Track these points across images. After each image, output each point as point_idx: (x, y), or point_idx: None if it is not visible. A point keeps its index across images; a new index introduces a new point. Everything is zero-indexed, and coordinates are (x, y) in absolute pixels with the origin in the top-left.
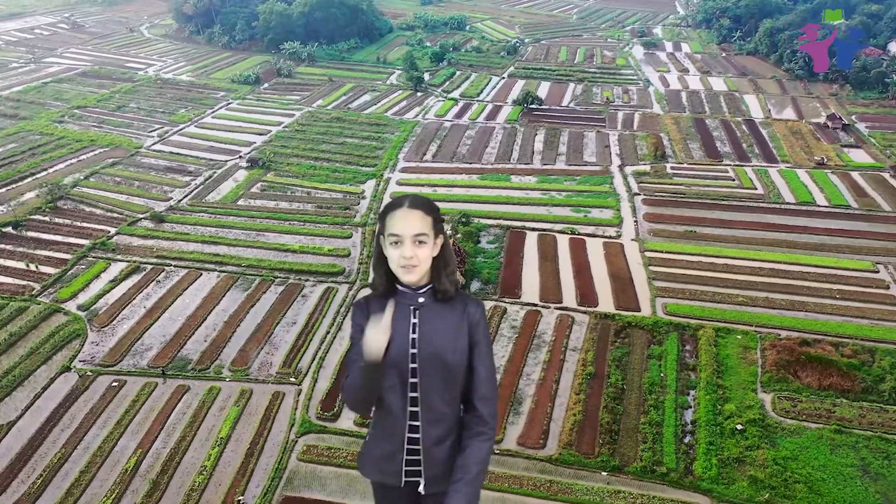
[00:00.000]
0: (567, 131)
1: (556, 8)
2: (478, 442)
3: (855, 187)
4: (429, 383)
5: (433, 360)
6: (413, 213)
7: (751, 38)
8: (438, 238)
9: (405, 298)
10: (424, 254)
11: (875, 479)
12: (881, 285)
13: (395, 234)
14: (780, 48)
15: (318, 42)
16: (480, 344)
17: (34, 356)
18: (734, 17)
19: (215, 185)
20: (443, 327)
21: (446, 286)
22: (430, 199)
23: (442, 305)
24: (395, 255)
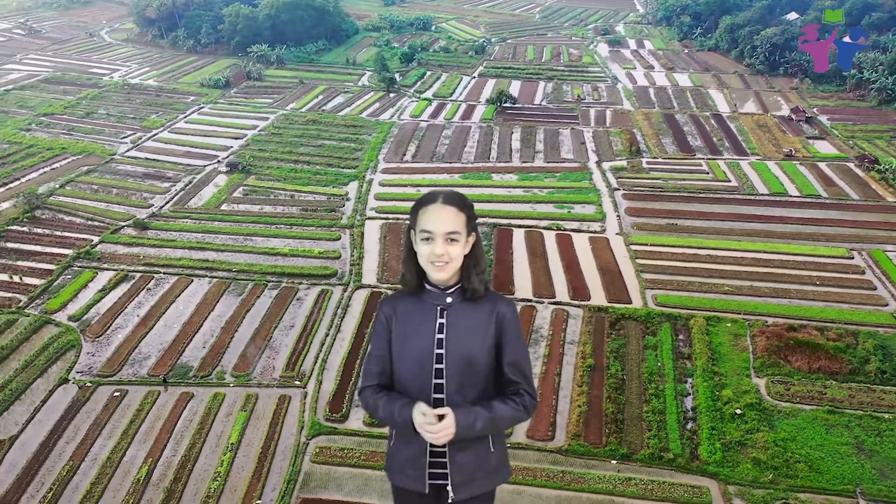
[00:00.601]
0: (542, 129)
1: (519, 7)
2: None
3: (823, 177)
4: (455, 384)
5: (461, 361)
6: (447, 209)
7: (711, 35)
8: (471, 236)
9: (432, 298)
10: (456, 252)
11: (869, 455)
12: (857, 271)
13: (427, 230)
14: (740, 44)
15: (286, 44)
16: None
17: (29, 369)
18: (694, 14)
19: (196, 191)
20: (471, 328)
21: (476, 285)
22: (464, 195)
23: (470, 305)
24: (426, 252)
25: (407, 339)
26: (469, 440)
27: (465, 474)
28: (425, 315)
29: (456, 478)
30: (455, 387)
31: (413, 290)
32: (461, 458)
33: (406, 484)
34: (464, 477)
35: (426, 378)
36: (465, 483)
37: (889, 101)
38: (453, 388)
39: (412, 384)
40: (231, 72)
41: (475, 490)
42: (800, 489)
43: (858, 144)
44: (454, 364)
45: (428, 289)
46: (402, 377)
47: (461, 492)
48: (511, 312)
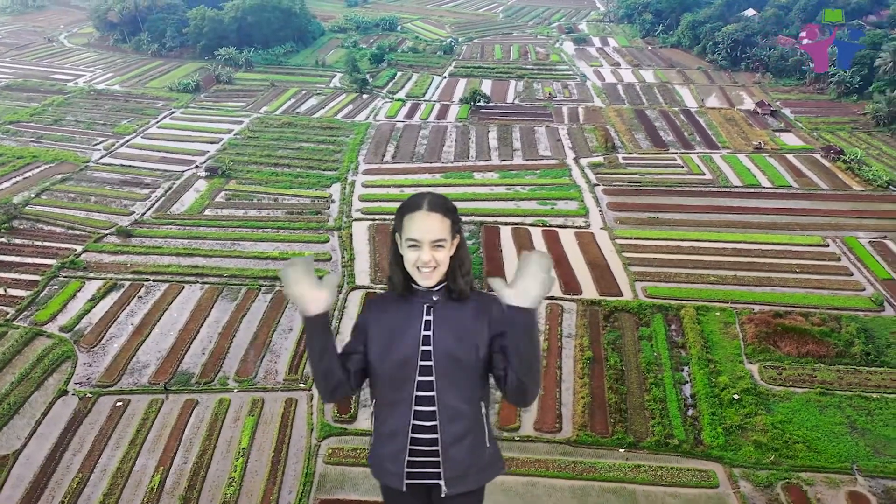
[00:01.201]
0: (518, 127)
1: (482, 7)
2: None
3: (792, 169)
4: (446, 381)
5: (448, 358)
6: (432, 216)
7: (673, 32)
8: (455, 238)
9: (418, 296)
10: (442, 257)
11: (862, 434)
12: (833, 258)
13: (412, 238)
14: (702, 40)
15: (253, 47)
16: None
17: (26, 382)
18: (656, 11)
19: (177, 197)
20: (457, 325)
21: (462, 286)
22: (448, 197)
23: (456, 305)
24: (413, 258)
25: (393, 337)
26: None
27: (459, 468)
28: (412, 314)
29: (449, 472)
30: (446, 382)
31: (400, 292)
32: (456, 453)
33: (385, 480)
34: (458, 471)
35: (410, 375)
36: (459, 477)
37: (847, 94)
38: (444, 382)
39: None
40: (200, 75)
41: (468, 485)
42: (800, 469)
43: (823, 136)
44: (442, 360)
45: (415, 288)
46: (385, 376)
47: (455, 486)
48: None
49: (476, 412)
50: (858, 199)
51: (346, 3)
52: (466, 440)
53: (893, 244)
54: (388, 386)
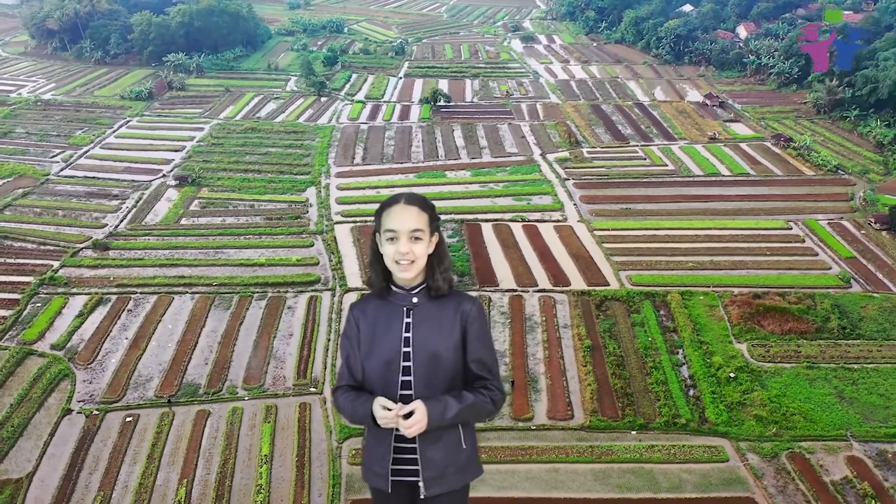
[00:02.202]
0: (481, 125)
1: (425, 7)
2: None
3: (747, 157)
4: (424, 382)
5: (427, 358)
6: (409, 209)
7: (616, 28)
8: (434, 236)
9: (398, 299)
10: (420, 250)
11: (850, 402)
12: (798, 240)
13: (391, 229)
14: (645, 36)
15: (202, 52)
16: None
17: (26, 403)
18: (598, 8)
19: (149, 207)
20: (437, 326)
21: (440, 283)
22: (426, 196)
23: (436, 304)
24: (391, 251)
25: (375, 339)
26: (440, 435)
27: (436, 470)
28: (392, 315)
29: (427, 473)
30: (423, 383)
31: (380, 291)
32: (432, 454)
33: (372, 482)
34: (435, 472)
35: (394, 376)
36: (437, 479)
37: (787, 84)
38: (421, 384)
39: (380, 383)
40: (151, 83)
41: (447, 486)
42: (800, 438)
43: (770, 125)
44: (421, 361)
45: (394, 290)
46: (371, 376)
47: (433, 487)
48: (476, 310)
49: None
50: (812, 183)
51: (287, 6)
52: (441, 441)
53: (850, 224)
54: (375, 386)
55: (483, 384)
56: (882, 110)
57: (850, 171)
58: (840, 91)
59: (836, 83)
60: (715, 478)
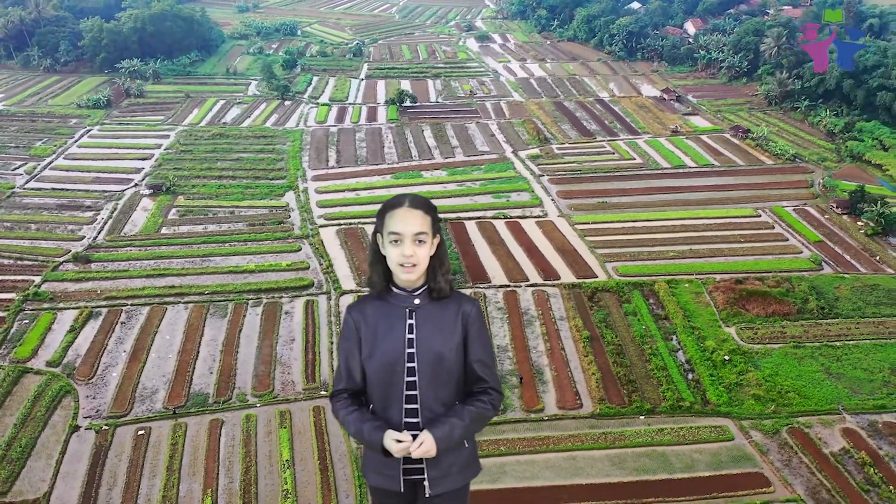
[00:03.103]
0: (450, 125)
1: (376, 7)
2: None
3: (710, 149)
4: (426, 383)
5: (432, 359)
6: (414, 212)
7: (568, 26)
8: (436, 238)
9: (399, 300)
10: (423, 253)
11: (838, 378)
12: (767, 227)
13: (395, 232)
14: (598, 33)
15: (157, 58)
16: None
17: (30, 422)
18: (549, 7)
19: (125, 217)
20: (439, 327)
21: (442, 285)
22: (428, 198)
23: (437, 305)
24: (395, 254)
25: (377, 341)
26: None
27: (441, 469)
28: (394, 317)
29: (433, 472)
30: (427, 384)
31: (380, 292)
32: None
33: (381, 483)
34: (440, 472)
35: (398, 378)
36: (442, 477)
37: (737, 77)
38: (426, 385)
39: (384, 385)
40: (107, 90)
41: (451, 484)
42: (798, 414)
43: (727, 117)
44: (426, 363)
45: (395, 291)
46: (373, 378)
47: (438, 486)
48: (475, 311)
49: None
50: (773, 172)
51: (236, 9)
52: None
53: (814, 210)
54: (379, 388)
55: (482, 387)
56: (830, 100)
57: (807, 160)
58: (790, 83)
59: (785, 75)
60: (724, 456)
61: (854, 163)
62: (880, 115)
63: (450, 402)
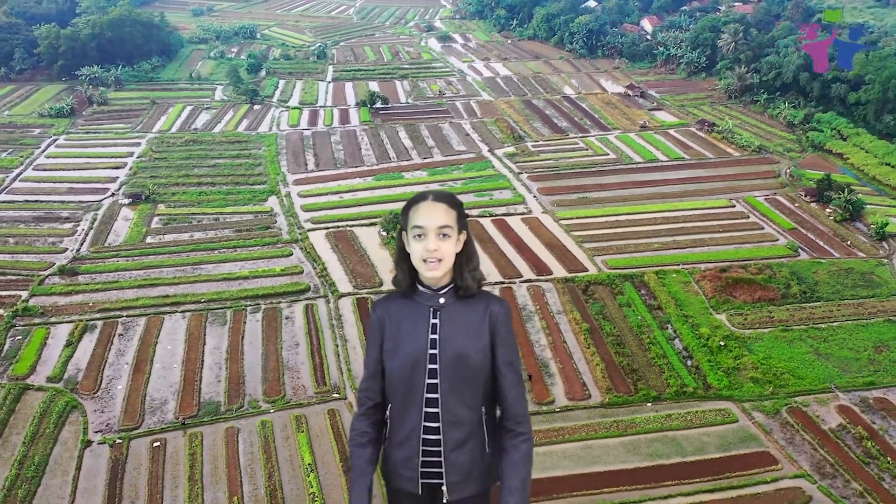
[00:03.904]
0: (423, 125)
1: (333, 9)
2: (519, 443)
3: (679, 143)
4: (449, 385)
5: (455, 361)
6: (437, 205)
7: (528, 25)
8: (462, 234)
9: (424, 299)
10: (448, 248)
11: (827, 358)
12: (743, 216)
13: (419, 225)
14: (558, 32)
15: (117, 64)
16: (504, 344)
17: (40, 440)
18: (508, 6)
19: (107, 228)
20: (464, 327)
21: (469, 282)
22: (454, 193)
23: (463, 305)
24: (419, 249)
25: (400, 341)
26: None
27: (460, 474)
28: (418, 316)
29: (451, 477)
30: (449, 386)
31: (405, 290)
32: (457, 457)
33: (400, 485)
34: (459, 476)
35: (419, 378)
36: (461, 482)
37: (696, 73)
38: (447, 387)
39: (404, 386)
40: (69, 98)
41: (469, 490)
42: (794, 394)
43: (690, 111)
44: (447, 363)
45: (420, 290)
46: (395, 378)
47: (456, 491)
48: (504, 312)
49: (477, 418)
50: (741, 163)
51: (191, 13)
52: (467, 446)
53: (784, 199)
54: (399, 388)
55: (518, 431)
56: (787, 93)
57: (772, 151)
58: (749, 77)
59: (744, 70)
60: (731, 437)
61: (816, 152)
62: (835, 106)
63: (474, 405)
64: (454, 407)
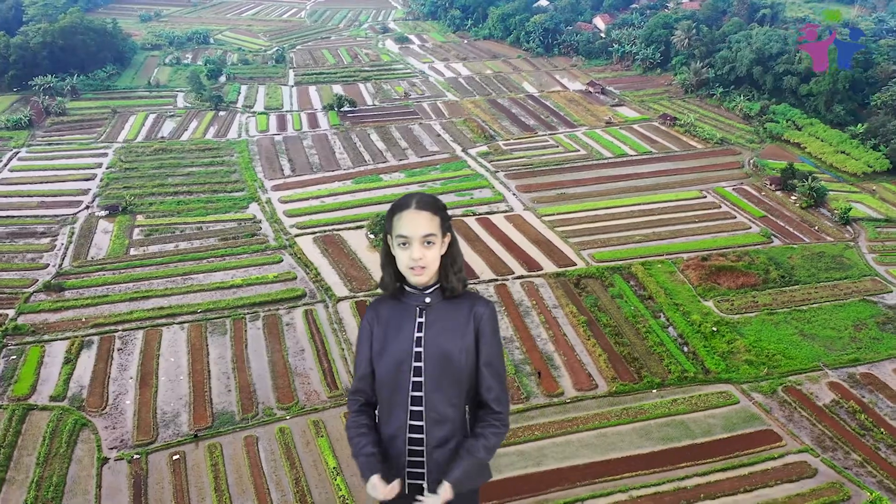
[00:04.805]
0: (393, 127)
1: (284, 13)
2: (489, 431)
3: (644, 137)
4: (433, 383)
5: (439, 359)
6: (421, 214)
7: (483, 25)
8: (446, 237)
9: (411, 299)
10: (433, 255)
11: (812, 339)
12: (715, 206)
13: (403, 235)
14: (513, 31)
15: (71, 73)
16: (488, 343)
17: (54, 459)
18: (462, 7)
19: (87, 241)
20: (449, 326)
21: (454, 284)
22: (436, 196)
23: (449, 305)
24: (404, 257)
25: (387, 340)
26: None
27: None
28: (405, 316)
29: (433, 475)
30: (434, 385)
31: (393, 292)
32: (439, 456)
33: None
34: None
35: (405, 377)
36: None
37: (652, 69)
38: (431, 385)
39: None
40: (28, 109)
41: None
42: (787, 373)
43: (651, 106)
44: (432, 362)
45: (408, 290)
46: (382, 377)
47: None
48: (489, 313)
49: (461, 417)
50: (706, 155)
51: (139, 19)
52: (450, 444)
53: (751, 188)
54: (386, 387)
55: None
56: (741, 86)
57: (734, 143)
58: (704, 72)
59: (699, 65)
60: (735, 418)
61: (774, 143)
62: (787, 97)
63: (458, 403)
64: (438, 405)
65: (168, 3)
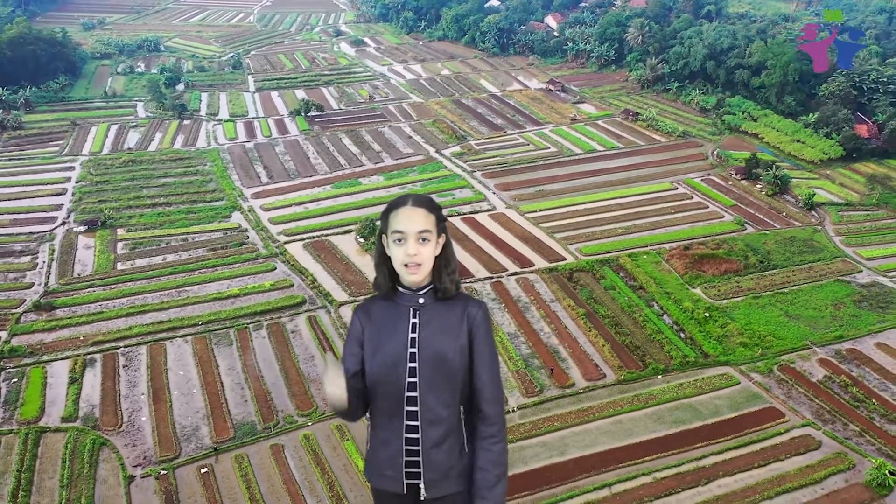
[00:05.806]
0: (364, 130)
1: (231, 18)
2: (489, 445)
3: (610, 133)
4: (428, 384)
5: (434, 360)
6: (417, 210)
7: (437, 26)
8: (441, 237)
9: (405, 300)
10: (428, 252)
11: (797, 319)
12: (687, 197)
13: (398, 230)
14: (468, 31)
15: (22, 85)
16: (482, 344)
17: (78, 481)
18: (415, 8)
19: (70, 258)
20: (443, 327)
21: (447, 285)
22: (432, 196)
23: (442, 306)
24: (399, 254)
25: (381, 341)
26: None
27: (438, 472)
28: (398, 316)
29: (429, 475)
30: (427, 385)
31: (386, 293)
32: (434, 456)
33: (385, 485)
34: (437, 475)
35: (400, 377)
36: (439, 481)
37: (607, 66)
38: (426, 386)
39: (385, 385)
40: None
41: (448, 489)
42: (780, 353)
43: (611, 102)
44: (426, 363)
45: (401, 291)
46: (376, 378)
47: (433, 489)
48: (482, 314)
49: (456, 418)
50: (671, 148)
51: (82, 27)
52: (445, 444)
53: (718, 178)
54: (381, 388)
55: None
56: (696, 80)
57: (695, 135)
58: (660, 67)
59: (655, 61)
60: (739, 398)
61: (732, 134)
62: (740, 90)
63: (452, 404)
64: (433, 406)
65: (110, 10)
